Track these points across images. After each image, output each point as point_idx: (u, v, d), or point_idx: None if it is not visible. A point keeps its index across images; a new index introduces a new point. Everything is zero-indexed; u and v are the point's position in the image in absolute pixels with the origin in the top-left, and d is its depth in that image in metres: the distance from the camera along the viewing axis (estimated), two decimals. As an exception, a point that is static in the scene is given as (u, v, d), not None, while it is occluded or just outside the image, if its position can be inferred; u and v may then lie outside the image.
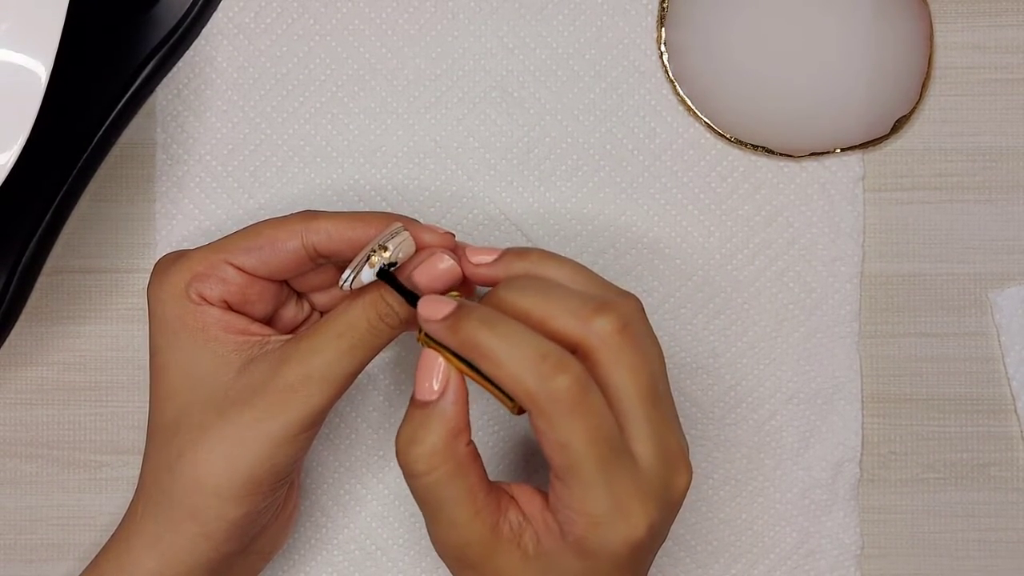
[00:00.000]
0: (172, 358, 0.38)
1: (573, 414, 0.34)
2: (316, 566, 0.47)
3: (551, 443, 0.34)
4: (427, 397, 0.36)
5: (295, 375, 0.37)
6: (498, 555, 0.36)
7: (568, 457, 0.34)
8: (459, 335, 0.35)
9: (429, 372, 0.36)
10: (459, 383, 0.36)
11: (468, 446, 0.36)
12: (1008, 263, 0.47)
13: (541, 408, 0.34)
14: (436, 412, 0.36)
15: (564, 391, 0.34)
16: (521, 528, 0.36)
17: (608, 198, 0.47)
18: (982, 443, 0.47)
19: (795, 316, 0.47)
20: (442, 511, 0.36)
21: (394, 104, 0.47)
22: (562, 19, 0.47)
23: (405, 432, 0.36)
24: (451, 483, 0.35)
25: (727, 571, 0.47)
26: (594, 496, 0.34)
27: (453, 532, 0.36)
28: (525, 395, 0.34)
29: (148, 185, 0.47)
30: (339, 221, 0.38)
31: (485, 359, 0.34)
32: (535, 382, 0.34)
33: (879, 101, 0.47)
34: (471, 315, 0.35)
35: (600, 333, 0.35)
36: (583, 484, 0.34)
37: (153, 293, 0.39)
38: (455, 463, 0.35)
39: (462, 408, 0.36)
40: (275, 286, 0.40)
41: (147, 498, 0.38)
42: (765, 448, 0.47)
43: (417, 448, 0.35)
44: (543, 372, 0.34)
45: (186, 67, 0.47)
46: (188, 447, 0.37)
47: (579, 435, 0.34)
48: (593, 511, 0.34)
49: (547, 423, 0.34)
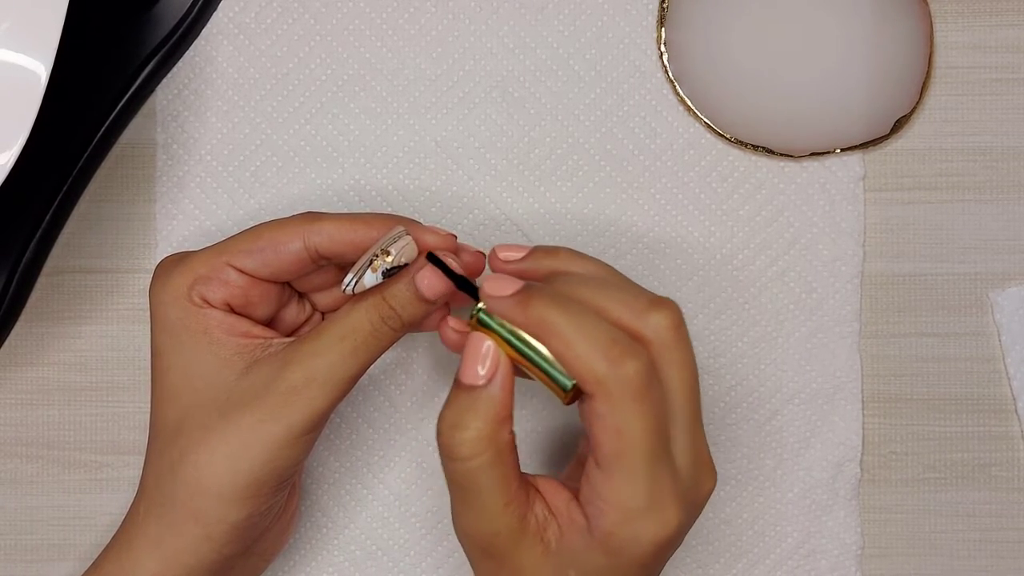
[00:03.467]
0: (174, 360, 0.38)
1: (638, 401, 0.34)
2: (317, 566, 0.47)
3: (607, 428, 0.34)
4: (474, 381, 0.35)
5: (298, 377, 0.37)
6: (522, 547, 0.36)
7: (621, 444, 0.34)
8: (530, 311, 0.35)
9: (476, 356, 0.36)
10: (508, 369, 0.36)
11: (510, 435, 0.36)
12: (1008, 263, 0.47)
13: (608, 391, 0.34)
14: (484, 397, 0.35)
15: (633, 376, 0.34)
16: (546, 522, 0.36)
17: (608, 198, 0.47)
18: (983, 443, 0.47)
19: (796, 316, 0.47)
20: (476, 498, 0.35)
21: (395, 104, 0.47)
22: (562, 19, 0.47)
23: (449, 415, 0.35)
24: (490, 470, 0.35)
25: (728, 571, 0.47)
26: (634, 488, 0.34)
27: (483, 520, 0.36)
28: (593, 377, 0.34)
29: (148, 185, 0.47)
30: (341, 223, 0.38)
31: (555, 337, 0.34)
32: (605, 365, 0.34)
33: (879, 101, 0.47)
34: (541, 292, 0.35)
35: (656, 328, 0.35)
36: (627, 474, 0.34)
37: (155, 295, 0.39)
38: (496, 451, 0.35)
39: (509, 395, 0.36)
40: (277, 287, 0.40)
41: (149, 500, 0.38)
42: (766, 448, 0.47)
43: (462, 433, 0.35)
44: (614, 355, 0.34)
45: (186, 67, 0.47)
46: (190, 449, 0.37)
47: (638, 423, 0.34)
48: (630, 504, 0.34)
49: (610, 407, 0.34)
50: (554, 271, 0.37)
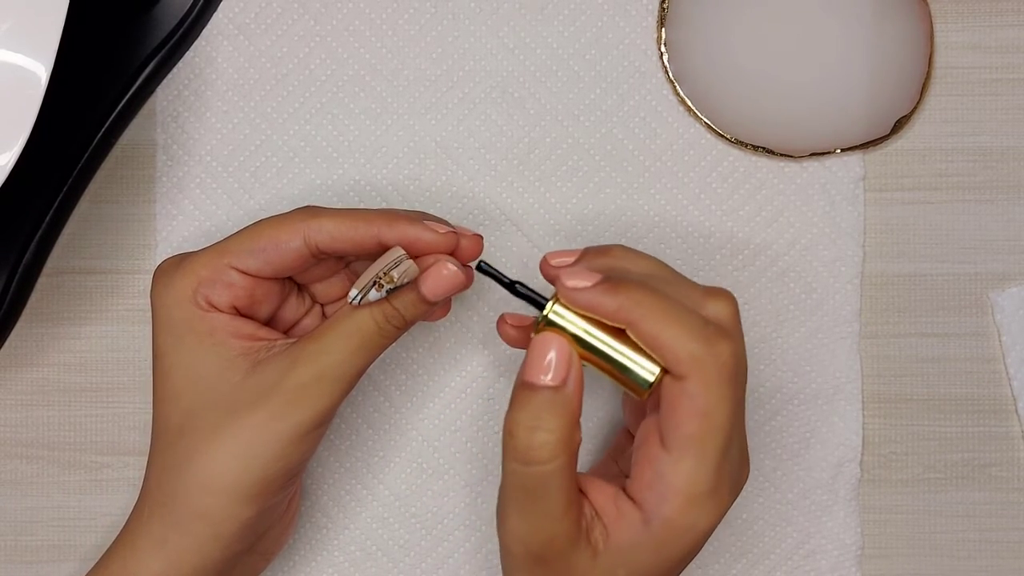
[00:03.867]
0: (178, 361, 0.38)
1: (730, 384, 0.34)
2: (317, 567, 0.47)
3: (695, 409, 0.34)
4: (550, 382, 0.35)
5: (307, 375, 0.37)
6: (575, 551, 0.35)
7: (705, 425, 0.34)
8: (620, 297, 0.35)
9: (544, 357, 0.35)
10: (580, 370, 0.35)
11: (579, 437, 0.36)
12: (1008, 263, 0.47)
13: (705, 371, 0.34)
14: (560, 399, 0.35)
15: (728, 357, 0.34)
16: (592, 523, 0.36)
17: (608, 198, 0.47)
18: (983, 443, 0.47)
19: (796, 316, 0.47)
20: (541, 501, 0.35)
21: (394, 105, 0.47)
22: (562, 19, 0.47)
23: (524, 418, 0.35)
24: (562, 474, 0.35)
25: (727, 571, 0.47)
26: (704, 472, 0.34)
27: (543, 524, 0.35)
28: (689, 356, 0.34)
29: (148, 186, 0.47)
30: (341, 220, 0.38)
31: (649, 319, 0.34)
32: (700, 345, 0.34)
33: (879, 101, 0.47)
34: (628, 280, 0.35)
35: (716, 316, 0.35)
36: (700, 457, 0.34)
37: (158, 298, 0.39)
38: (570, 454, 0.35)
39: (581, 396, 0.35)
40: (279, 283, 0.40)
41: (153, 500, 0.38)
42: (766, 448, 0.47)
43: (543, 435, 0.34)
44: (708, 336, 0.34)
45: (186, 68, 0.47)
46: (198, 448, 0.37)
47: (727, 405, 0.34)
48: (696, 489, 0.34)
49: (704, 387, 0.34)
50: (610, 269, 0.37)
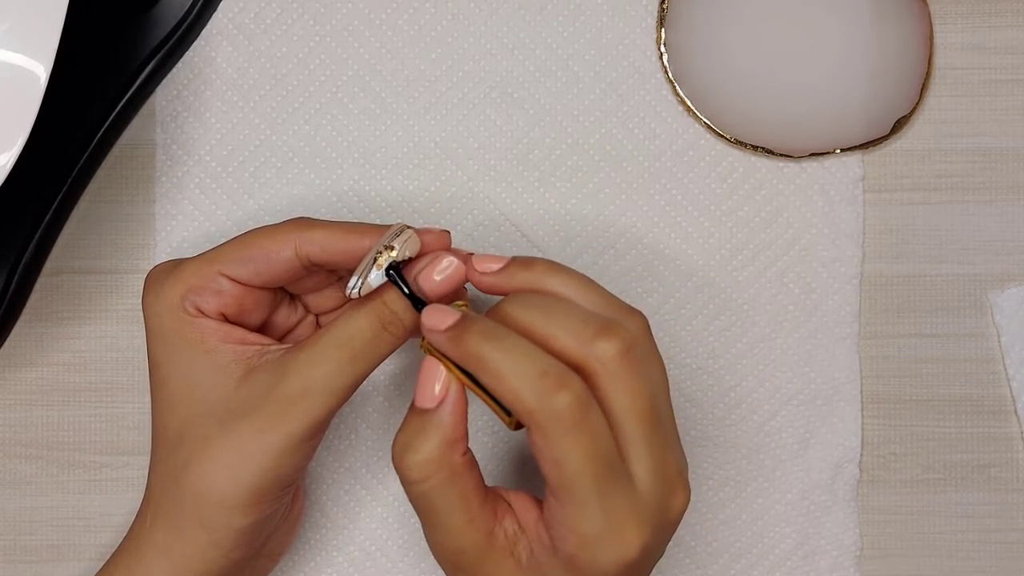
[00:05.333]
0: (172, 370, 0.38)
1: (571, 433, 0.33)
2: (316, 567, 0.47)
3: (547, 460, 0.34)
4: (427, 405, 0.36)
5: (295, 387, 0.36)
6: (490, 562, 0.36)
7: (563, 475, 0.34)
8: (461, 347, 0.35)
9: (430, 380, 0.36)
10: (459, 393, 0.36)
11: (464, 455, 0.36)
12: (1008, 263, 0.47)
13: (539, 425, 0.34)
14: (433, 421, 0.35)
15: (563, 409, 0.33)
16: (516, 537, 0.36)
17: (608, 199, 0.47)
18: (982, 444, 0.47)
19: (795, 317, 0.47)
20: (436, 517, 0.36)
21: (394, 105, 0.47)
22: (562, 20, 0.47)
23: (401, 439, 0.36)
24: (445, 491, 0.35)
25: (726, 572, 0.47)
26: (588, 515, 0.34)
27: (447, 537, 0.36)
28: (524, 411, 0.34)
29: (147, 186, 0.47)
30: (333, 232, 0.38)
31: (486, 372, 0.34)
32: (535, 398, 0.33)
33: (879, 101, 0.47)
34: (473, 327, 0.35)
35: (601, 357, 0.34)
36: (577, 503, 0.34)
37: (148, 306, 0.39)
38: (449, 472, 0.35)
39: (460, 418, 0.36)
40: (270, 292, 0.40)
41: (156, 507, 0.38)
42: (765, 449, 0.47)
43: (412, 456, 0.35)
44: (543, 389, 0.33)
45: (186, 68, 0.47)
46: (193, 458, 0.37)
47: (576, 453, 0.33)
48: (586, 530, 0.34)
49: (544, 440, 0.34)
50: (528, 285, 0.37)
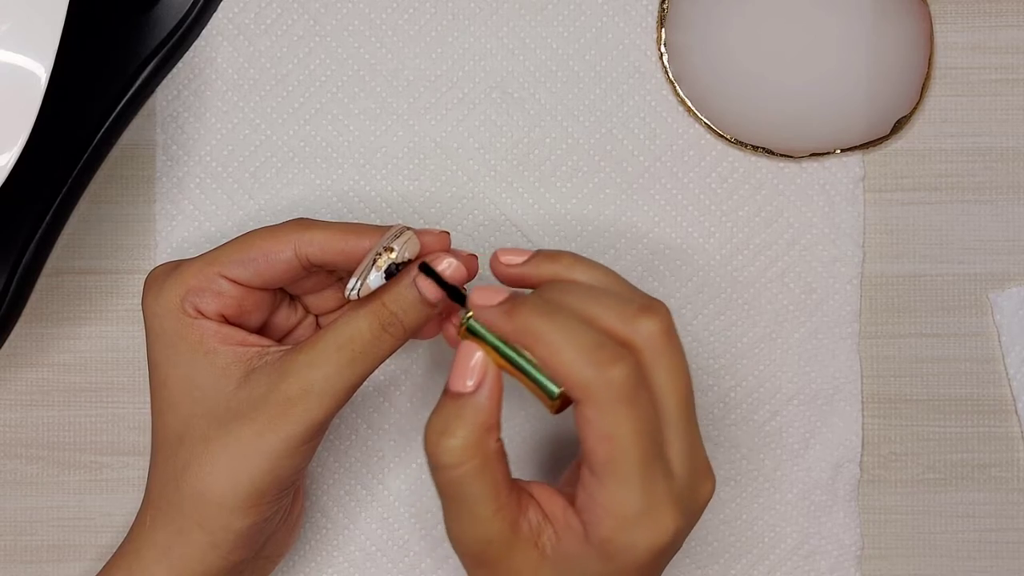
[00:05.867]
0: (172, 371, 0.38)
1: (625, 405, 0.34)
2: (316, 567, 0.47)
3: (597, 434, 0.34)
4: (462, 389, 0.35)
5: (294, 389, 0.36)
6: (516, 553, 0.36)
7: (612, 450, 0.34)
8: (516, 320, 0.35)
9: (466, 364, 0.36)
10: (496, 378, 0.36)
11: (498, 442, 0.36)
12: (1008, 263, 0.47)
13: (594, 396, 0.34)
14: (470, 405, 0.35)
15: (619, 380, 0.33)
16: (540, 528, 0.36)
17: (608, 199, 0.47)
18: (982, 444, 0.47)
19: (795, 317, 0.47)
20: (464, 505, 0.36)
21: (394, 105, 0.47)
22: (562, 20, 0.47)
23: (436, 423, 0.35)
24: (477, 478, 0.35)
25: (727, 572, 0.47)
26: (629, 495, 0.34)
27: (473, 527, 0.36)
28: (580, 382, 0.34)
29: (148, 186, 0.47)
30: (332, 232, 0.38)
31: (541, 344, 0.34)
32: (591, 369, 0.33)
33: (879, 101, 0.47)
34: (528, 302, 0.35)
35: (645, 334, 0.35)
36: (620, 480, 0.34)
37: (148, 307, 0.39)
38: (483, 458, 0.35)
39: (496, 403, 0.36)
40: (270, 293, 0.40)
41: (156, 509, 0.38)
42: (765, 449, 0.47)
43: (448, 440, 0.35)
44: (600, 360, 0.33)
45: (186, 68, 0.47)
46: (193, 460, 0.37)
47: (627, 428, 0.34)
48: (626, 511, 0.34)
49: (598, 412, 0.34)
50: (554, 276, 0.37)
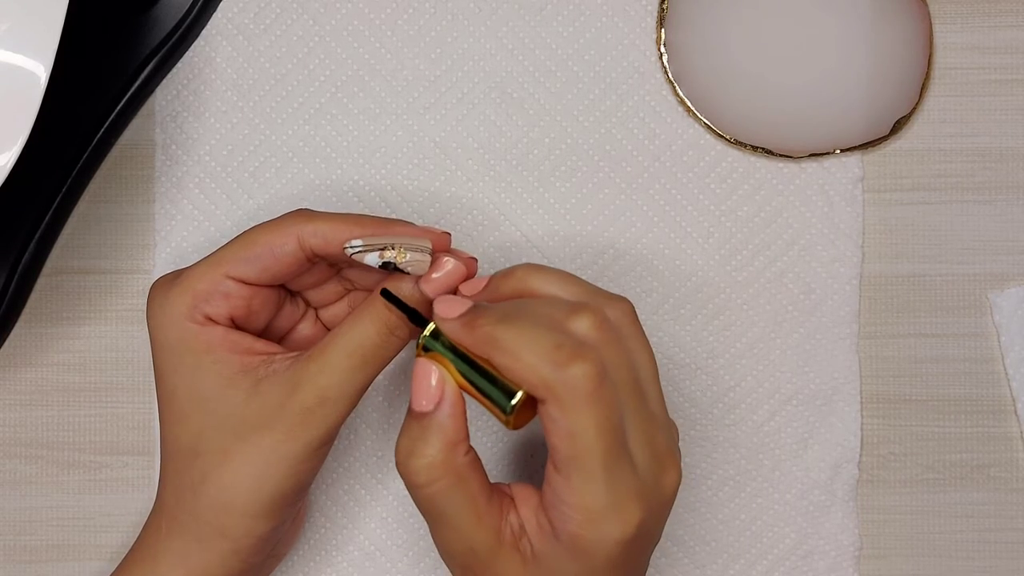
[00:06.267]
0: (179, 382, 0.38)
1: (587, 403, 0.34)
2: (315, 567, 0.47)
3: (561, 432, 0.34)
4: (424, 408, 0.36)
5: (311, 398, 0.37)
6: (500, 560, 0.36)
7: (575, 447, 0.34)
8: (475, 331, 0.35)
9: (425, 382, 0.36)
10: (455, 394, 0.36)
11: (467, 455, 0.36)
12: (1008, 263, 0.47)
13: (556, 395, 0.34)
14: (434, 424, 0.36)
15: (580, 378, 0.34)
16: (521, 531, 0.36)
17: (607, 199, 0.47)
18: (982, 444, 0.47)
19: (794, 317, 0.47)
20: (445, 519, 0.36)
21: (393, 105, 0.47)
22: (561, 20, 0.47)
23: (404, 444, 0.36)
24: (452, 493, 0.36)
25: (725, 571, 0.47)
26: (594, 490, 0.34)
27: (457, 538, 0.36)
28: (541, 383, 0.34)
29: (147, 186, 0.47)
30: (335, 223, 0.38)
31: (501, 352, 0.34)
32: (551, 369, 0.34)
33: (879, 102, 0.47)
34: (486, 311, 0.35)
35: (578, 332, 0.35)
36: (585, 476, 0.34)
37: (153, 318, 0.39)
38: (455, 474, 0.36)
39: (459, 419, 0.36)
40: (275, 291, 0.40)
41: (171, 517, 0.39)
42: (764, 449, 0.47)
43: (416, 461, 0.36)
44: (559, 360, 0.34)
45: (185, 68, 0.47)
46: (212, 470, 0.37)
47: (590, 424, 0.34)
48: (591, 505, 0.34)
49: (560, 410, 0.34)
50: (515, 292, 0.37)
